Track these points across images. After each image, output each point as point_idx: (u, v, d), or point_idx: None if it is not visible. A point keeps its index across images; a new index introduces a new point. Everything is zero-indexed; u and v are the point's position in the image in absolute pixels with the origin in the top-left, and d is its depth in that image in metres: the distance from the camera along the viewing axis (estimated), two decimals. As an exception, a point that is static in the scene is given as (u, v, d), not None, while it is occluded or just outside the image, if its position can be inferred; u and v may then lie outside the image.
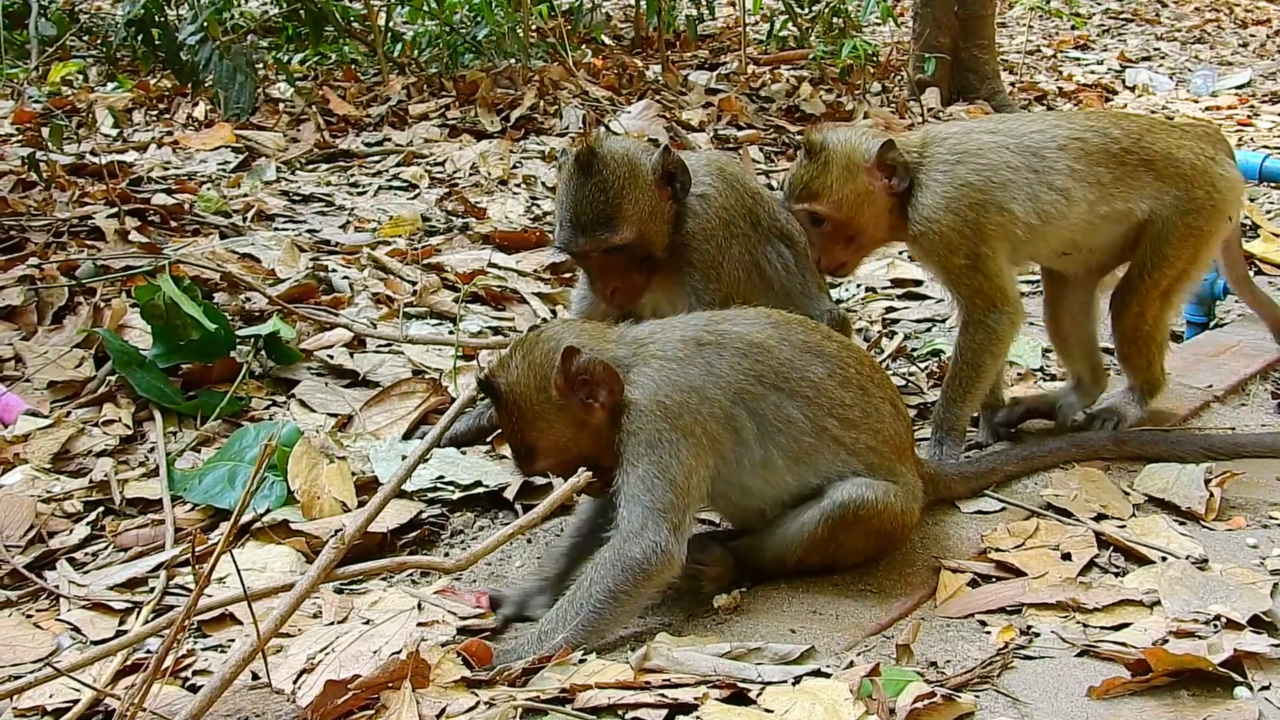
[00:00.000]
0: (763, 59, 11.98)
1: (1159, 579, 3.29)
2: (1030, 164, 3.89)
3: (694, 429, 3.16)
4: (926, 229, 3.86)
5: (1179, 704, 2.79)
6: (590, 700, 2.70)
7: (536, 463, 3.31)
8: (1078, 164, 3.90)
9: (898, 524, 3.40)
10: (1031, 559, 3.45)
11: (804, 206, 3.94)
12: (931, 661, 3.00)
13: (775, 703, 2.63)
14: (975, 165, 3.87)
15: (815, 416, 3.29)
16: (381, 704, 2.71)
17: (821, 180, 3.89)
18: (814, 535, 3.30)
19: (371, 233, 6.57)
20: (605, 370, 3.16)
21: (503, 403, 3.22)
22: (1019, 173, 3.87)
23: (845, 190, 3.89)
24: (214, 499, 3.87)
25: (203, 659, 3.08)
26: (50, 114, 8.43)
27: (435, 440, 3.69)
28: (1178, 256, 3.96)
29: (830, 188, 3.89)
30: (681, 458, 3.12)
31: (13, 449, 4.16)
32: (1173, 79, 12.66)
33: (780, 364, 3.29)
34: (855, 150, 3.91)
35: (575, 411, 3.20)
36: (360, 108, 9.38)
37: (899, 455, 3.44)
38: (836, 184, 3.89)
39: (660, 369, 3.20)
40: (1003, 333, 3.95)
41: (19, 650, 3.19)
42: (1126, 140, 3.95)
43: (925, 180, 3.89)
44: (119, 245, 5.77)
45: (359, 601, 3.26)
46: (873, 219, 3.95)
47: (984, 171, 3.86)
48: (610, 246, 3.80)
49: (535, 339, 3.29)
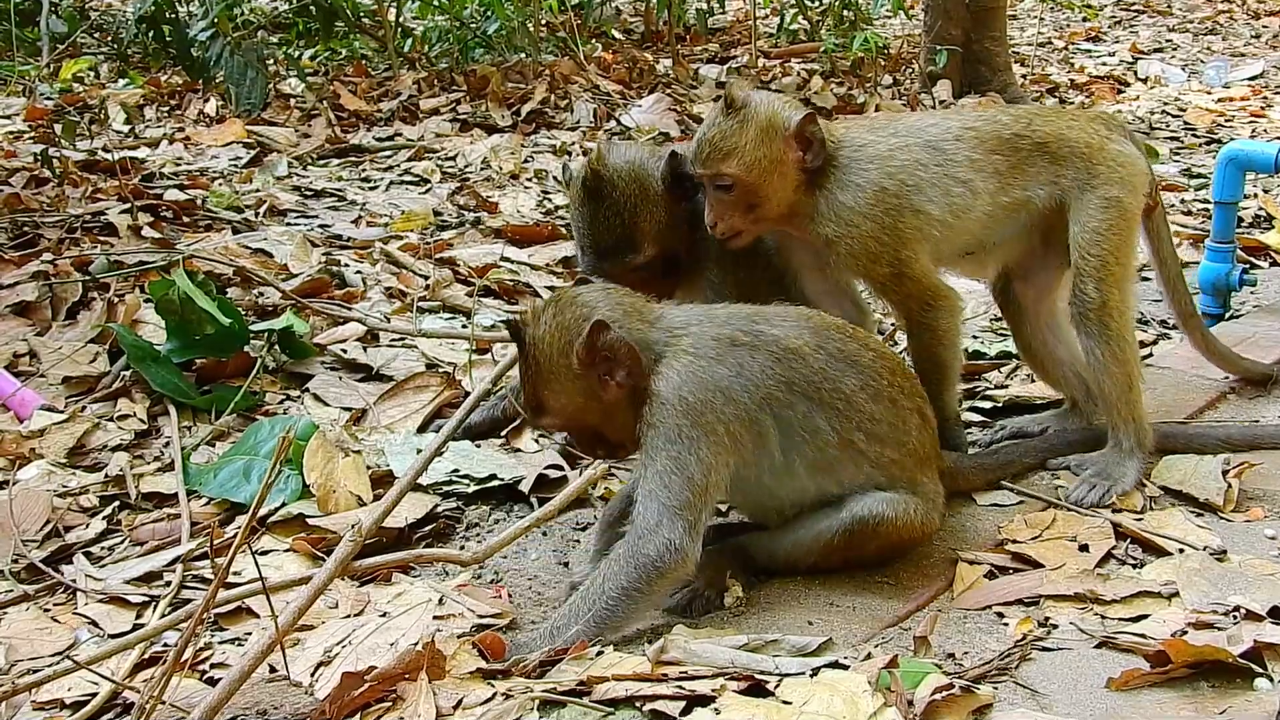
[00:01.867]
0: (773, 53, 11.96)
1: (1177, 570, 3.27)
2: (935, 159, 3.77)
3: (716, 428, 3.11)
4: (843, 233, 3.69)
5: (1199, 696, 2.77)
6: (608, 692, 2.69)
7: (542, 419, 3.29)
8: (975, 153, 3.79)
9: (916, 535, 3.39)
10: (1049, 551, 3.44)
11: (713, 170, 3.70)
12: (949, 653, 2.99)
13: (793, 695, 2.62)
14: (889, 169, 3.74)
15: (843, 429, 3.25)
16: (398, 695, 2.71)
17: (736, 139, 3.67)
18: (829, 544, 3.29)
19: (384, 227, 6.58)
20: (629, 352, 3.12)
21: (524, 352, 3.20)
22: (928, 170, 3.75)
23: (759, 153, 3.66)
24: (229, 493, 3.87)
25: (220, 652, 3.09)
26: (62, 111, 8.46)
27: (451, 433, 3.68)
28: (1107, 230, 3.80)
29: (744, 149, 3.66)
30: (701, 455, 3.08)
31: (28, 444, 4.16)
32: (1185, 70, 12.60)
33: (813, 373, 3.24)
34: (776, 115, 3.71)
35: (591, 384, 3.17)
36: (371, 103, 9.39)
37: (921, 465, 3.40)
38: (751, 145, 3.66)
39: (689, 364, 3.15)
40: (948, 326, 3.84)
41: (37, 644, 3.20)
42: (1017, 125, 3.83)
43: (839, 179, 3.74)
44: (132, 241, 5.78)
45: (376, 594, 3.26)
46: (778, 191, 3.72)
47: (898, 175, 3.73)
48: (636, 267, 3.77)
49: (571, 299, 3.25)
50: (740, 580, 3.33)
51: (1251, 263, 6.19)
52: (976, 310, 5.59)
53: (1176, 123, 10.31)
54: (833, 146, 3.74)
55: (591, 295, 3.28)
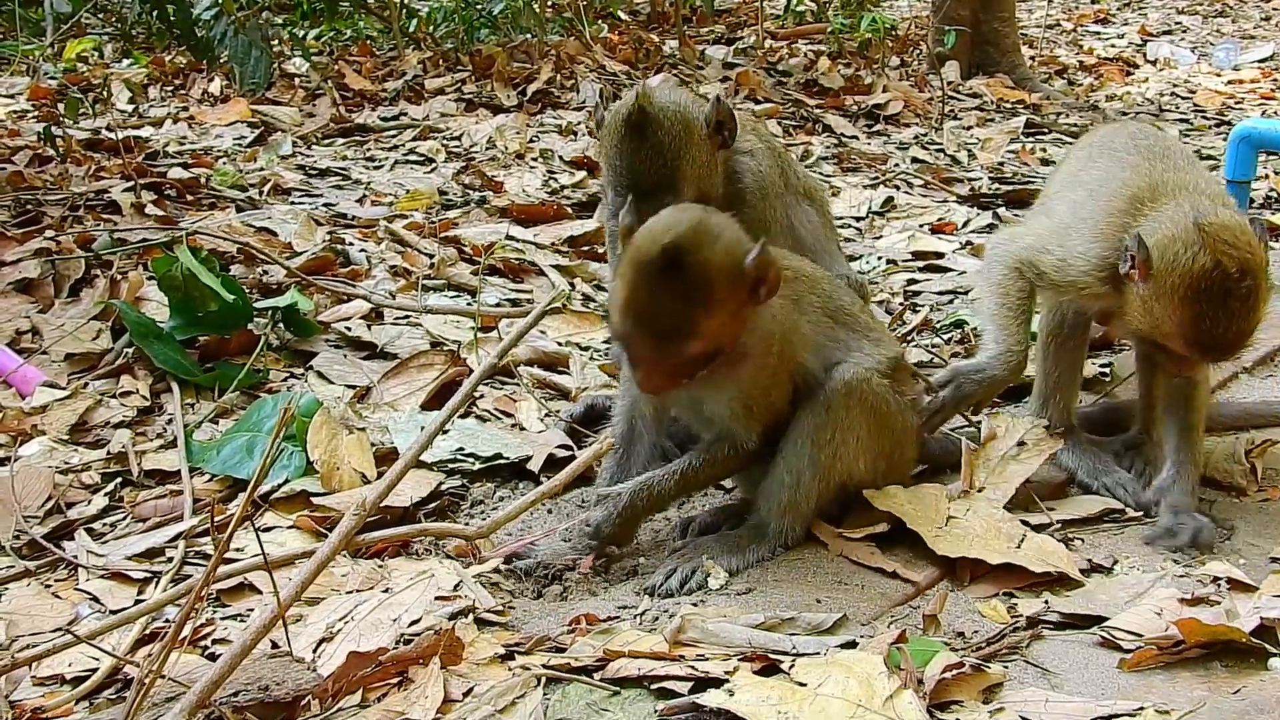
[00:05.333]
0: (780, 33, 11.89)
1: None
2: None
3: (789, 364, 3.32)
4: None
5: (1211, 675, 2.74)
6: (620, 670, 2.67)
7: (690, 344, 3.07)
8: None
9: (895, 415, 3.44)
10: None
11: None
12: (959, 632, 2.96)
13: (808, 676, 2.59)
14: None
15: (853, 338, 3.46)
16: (408, 678, 2.68)
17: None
18: (813, 423, 3.34)
19: (388, 206, 6.53)
20: (778, 272, 3.14)
21: (683, 276, 3.02)
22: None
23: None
24: (232, 469, 3.84)
25: (221, 628, 3.06)
26: (66, 90, 8.42)
27: (454, 410, 3.63)
28: None
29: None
30: (779, 382, 3.32)
31: (30, 420, 4.14)
32: (1195, 52, 12.53)
33: (828, 295, 3.48)
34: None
35: (742, 304, 3.12)
36: (376, 82, 9.35)
37: (906, 369, 3.64)
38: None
39: (783, 299, 3.25)
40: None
41: (38, 619, 3.18)
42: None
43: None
44: (135, 219, 5.74)
45: (380, 571, 3.23)
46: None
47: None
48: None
49: (710, 218, 3.15)
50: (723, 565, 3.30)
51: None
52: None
53: (1186, 105, 10.26)
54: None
55: (716, 216, 3.22)
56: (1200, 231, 3.19)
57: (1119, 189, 3.50)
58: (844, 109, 9.41)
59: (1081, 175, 3.78)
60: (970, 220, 6.82)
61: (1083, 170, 3.81)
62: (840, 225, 6.36)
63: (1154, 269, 3.23)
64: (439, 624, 2.93)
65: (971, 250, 6.26)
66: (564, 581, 3.31)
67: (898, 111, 9.35)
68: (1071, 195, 3.72)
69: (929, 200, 7.26)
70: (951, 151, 8.41)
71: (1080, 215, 3.57)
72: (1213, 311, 3.18)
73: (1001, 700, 2.65)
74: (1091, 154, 3.84)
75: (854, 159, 8.10)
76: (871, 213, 6.93)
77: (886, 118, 9.29)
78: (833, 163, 8.05)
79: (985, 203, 7.17)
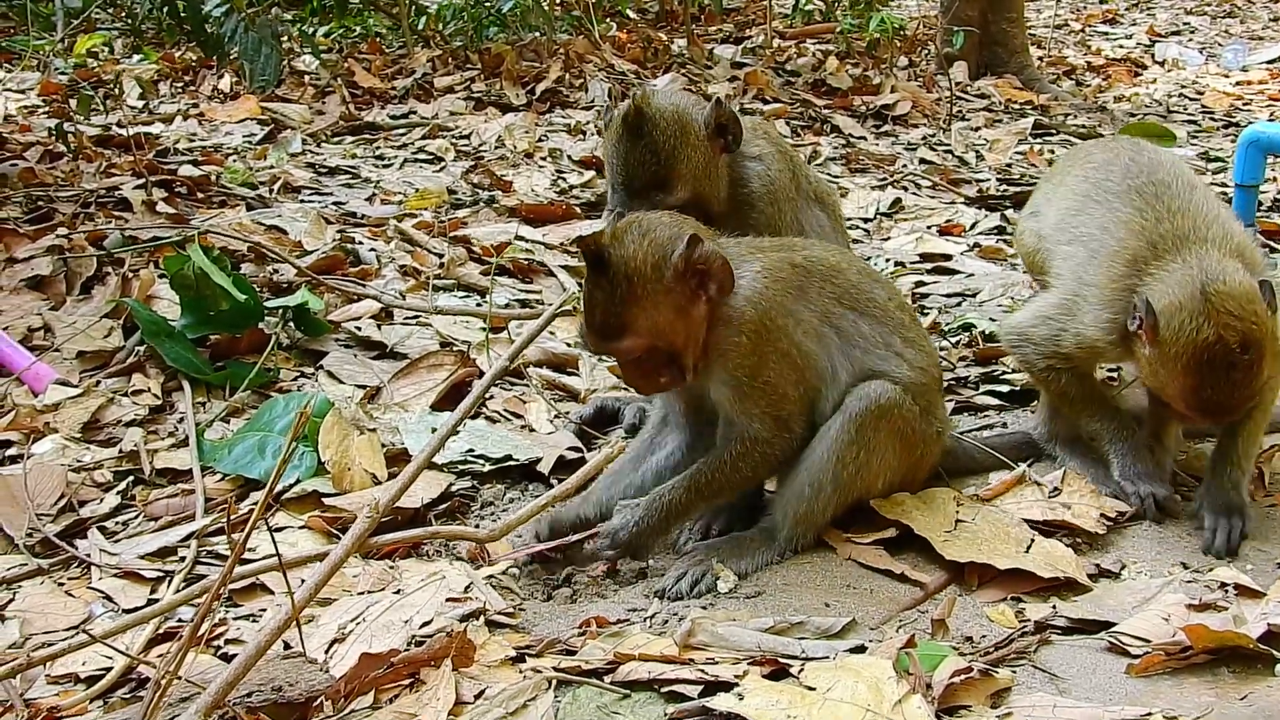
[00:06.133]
0: (788, 33, 11.89)
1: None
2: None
3: (790, 350, 3.30)
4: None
5: (1219, 681, 2.76)
6: (630, 674, 2.69)
7: (624, 340, 3.23)
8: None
9: (918, 438, 3.45)
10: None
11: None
12: (967, 636, 2.98)
13: (817, 680, 2.61)
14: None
15: (883, 333, 3.46)
16: (419, 680, 2.70)
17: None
18: (841, 439, 3.34)
19: (398, 205, 6.55)
20: (723, 265, 3.20)
21: (609, 274, 3.18)
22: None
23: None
24: (244, 469, 3.86)
25: (235, 628, 3.08)
26: (77, 86, 8.44)
27: (467, 411, 3.65)
28: None
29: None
30: (786, 374, 3.30)
31: (43, 418, 4.16)
32: (1203, 53, 12.52)
33: (852, 285, 3.47)
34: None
35: (681, 299, 3.21)
36: (385, 80, 9.36)
37: (939, 385, 3.61)
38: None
39: (767, 288, 3.29)
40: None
41: (51, 618, 3.20)
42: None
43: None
44: (146, 216, 5.77)
45: (392, 572, 3.25)
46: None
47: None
48: (666, 208, 3.71)
49: (655, 221, 3.30)
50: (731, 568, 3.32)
51: (1271, 246, 6.13)
52: (994, 293, 5.56)
53: (1194, 106, 10.25)
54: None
55: (669, 216, 3.36)
56: (1206, 301, 3.24)
57: (1119, 250, 3.52)
58: (852, 109, 9.42)
59: (1079, 226, 3.73)
60: (978, 222, 6.82)
61: (1079, 215, 3.76)
62: (849, 226, 6.37)
63: (1160, 335, 3.29)
64: (450, 626, 2.95)
65: (980, 253, 6.27)
66: (574, 584, 3.33)
67: (906, 112, 9.35)
68: (1072, 255, 3.70)
69: (937, 201, 7.27)
70: (959, 152, 8.41)
71: (1085, 281, 3.59)
72: (1215, 381, 3.27)
73: (1009, 705, 2.66)
74: (1088, 192, 3.78)
75: (862, 160, 8.10)
76: (880, 214, 6.94)
77: (894, 118, 9.29)
78: (841, 163, 8.06)
79: (993, 204, 7.17)
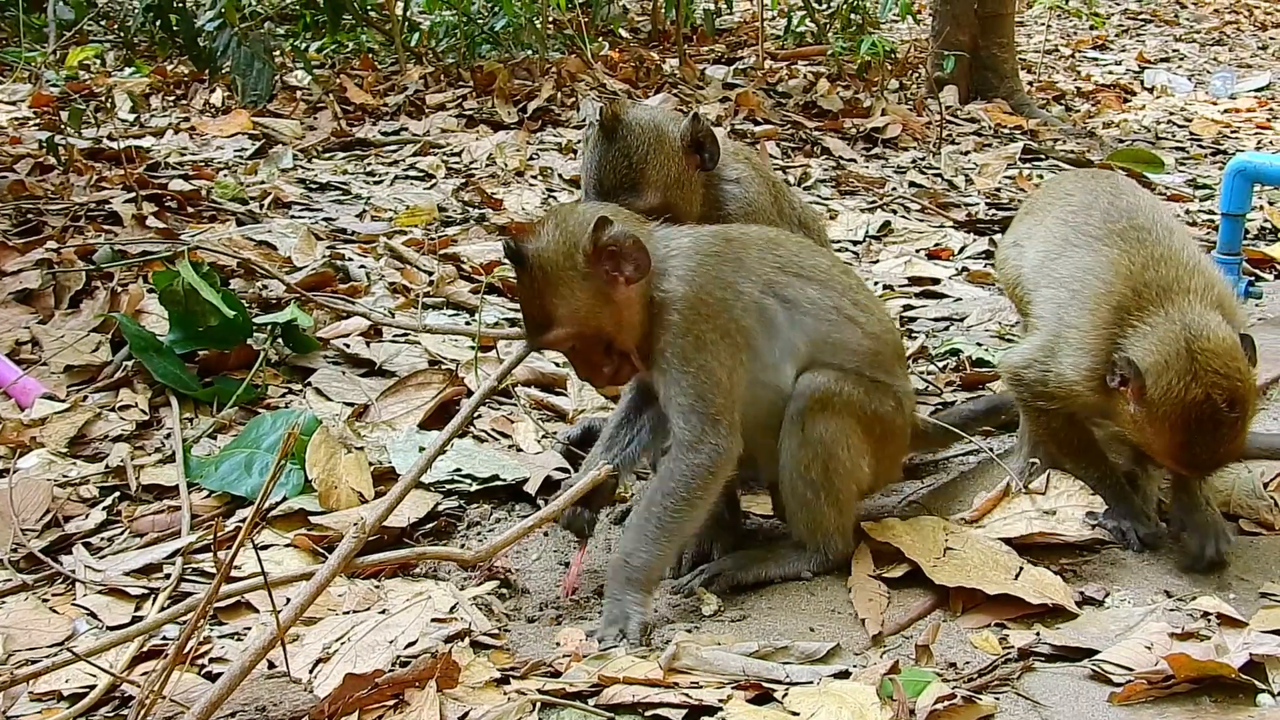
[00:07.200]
0: (780, 54, 11.95)
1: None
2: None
3: (729, 327, 3.25)
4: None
5: (1200, 710, 2.77)
6: (614, 697, 2.69)
7: (551, 332, 3.27)
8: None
9: (870, 411, 3.40)
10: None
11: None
12: (951, 663, 2.98)
13: (801, 705, 2.62)
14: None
15: (833, 296, 3.42)
16: (404, 700, 2.70)
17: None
18: (794, 443, 3.33)
19: (388, 222, 6.56)
20: (635, 244, 3.19)
21: (526, 268, 3.21)
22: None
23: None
24: (230, 486, 3.86)
25: (219, 646, 3.07)
26: (68, 98, 8.44)
27: (455, 431, 3.66)
28: None
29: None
30: (721, 359, 3.22)
31: (29, 433, 4.14)
32: (1191, 81, 12.60)
33: (793, 254, 3.45)
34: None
35: (599, 283, 3.21)
36: (377, 97, 9.38)
37: (896, 350, 3.58)
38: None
39: (699, 264, 3.29)
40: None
41: (35, 634, 3.18)
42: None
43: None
44: (136, 230, 5.76)
45: (377, 592, 3.25)
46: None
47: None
48: (635, 211, 3.74)
49: (570, 210, 3.34)
50: (714, 592, 3.34)
51: (1257, 275, 6.18)
52: (981, 318, 5.58)
53: (1182, 133, 10.31)
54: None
55: (589, 205, 3.43)
56: (1193, 360, 3.27)
57: (1102, 297, 3.49)
58: (842, 131, 9.46)
59: (1058, 269, 3.70)
60: (966, 246, 6.86)
61: (1059, 260, 3.72)
62: (837, 249, 6.40)
63: (1148, 395, 3.31)
64: (435, 646, 2.95)
65: (968, 277, 6.30)
66: (558, 606, 3.33)
67: (896, 135, 9.39)
68: (1054, 298, 3.67)
69: (926, 225, 7.30)
70: (949, 176, 8.45)
71: (1066, 322, 3.57)
72: (1202, 439, 3.31)
73: (992, 732, 2.67)
74: (1066, 236, 3.74)
75: (852, 182, 8.14)
76: (869, 236, 6.97)
77: (884, 141, 9.33)
78: (830, 185, 8.10)
79: (982, 228, 7.21)
